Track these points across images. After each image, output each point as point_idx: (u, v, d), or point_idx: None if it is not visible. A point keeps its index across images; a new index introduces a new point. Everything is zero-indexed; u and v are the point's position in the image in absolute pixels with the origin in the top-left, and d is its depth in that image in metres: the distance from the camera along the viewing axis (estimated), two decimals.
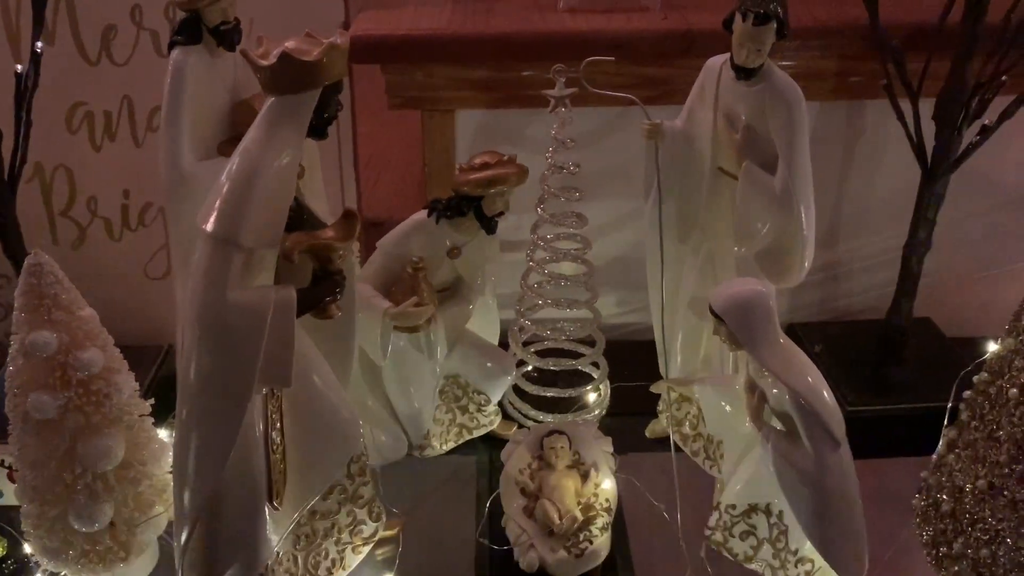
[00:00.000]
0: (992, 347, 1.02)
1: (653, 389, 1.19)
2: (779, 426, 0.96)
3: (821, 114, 1.34)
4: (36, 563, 1.03)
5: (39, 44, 1.04)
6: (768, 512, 1.03)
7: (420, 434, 1.24)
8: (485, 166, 1.06)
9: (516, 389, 1.30)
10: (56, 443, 0.92)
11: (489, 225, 1.10)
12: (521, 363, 1.30)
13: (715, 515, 1.06)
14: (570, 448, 1.12)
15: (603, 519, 1.06)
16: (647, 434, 1.28)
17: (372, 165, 1.54)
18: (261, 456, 0.90)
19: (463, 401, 1.26)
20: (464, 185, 1.07)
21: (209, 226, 0.75)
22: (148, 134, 1.33)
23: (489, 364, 1.23)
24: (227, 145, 1.06)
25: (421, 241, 1.13)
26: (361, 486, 1.05)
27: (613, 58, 1.07)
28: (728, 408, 1.07)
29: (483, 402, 1.26)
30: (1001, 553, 0.98)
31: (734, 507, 1.05)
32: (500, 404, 1.30)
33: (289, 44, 0.74)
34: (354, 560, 1.06)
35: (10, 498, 1.13)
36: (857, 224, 1.44)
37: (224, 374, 0.78)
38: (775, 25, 0.93)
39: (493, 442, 1.28)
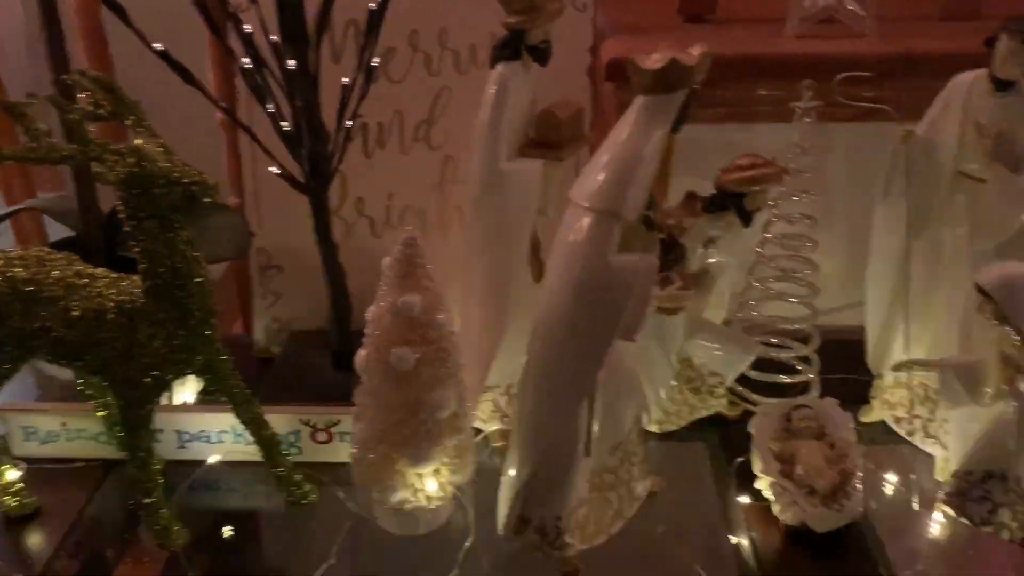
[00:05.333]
0: None
1: (894, 369, 1.32)
2: None
3: None
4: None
5: (375, 59, 1.22)
6: (1004, 477, 1.15)
7: (657, 411, 1.38)
8: (751, 166, 1.22)
9: (741, 376, 1.44)
10: (410, 391, 1.08)
11: (748, 219, 1.25)
12: None
13: (951, 482, 1.19)
14: (817, 421, 1.26)
15: (856, 480, 1.19)
16: (862, 419, 1.41)
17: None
18: (588, 410, 1.05)
19: (696, 383, 1.41)
20: (729, 183, 1.22)
21: (596, 203, 0.91)
22: (413, 144, 1.51)
23: (728, 347, 1.37)
24: (528, 148, 1.23)
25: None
26: (638, 445, 1.21)
27: (869, 74, 1.22)
28: (968, 385, 1.19)
29: (716, 384, 1.40)
30: None
31: (971, 474, 1.18)
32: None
33: (668, 53, 0.90)
34: (631, 511, 1.20)
35: (312, 455, 1.31)
36: None
37: (596, 327, 0.94)
38: None
39: (717, 424, 1.43)
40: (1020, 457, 1.13)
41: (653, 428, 1.39)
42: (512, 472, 1.10)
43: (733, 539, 1.21)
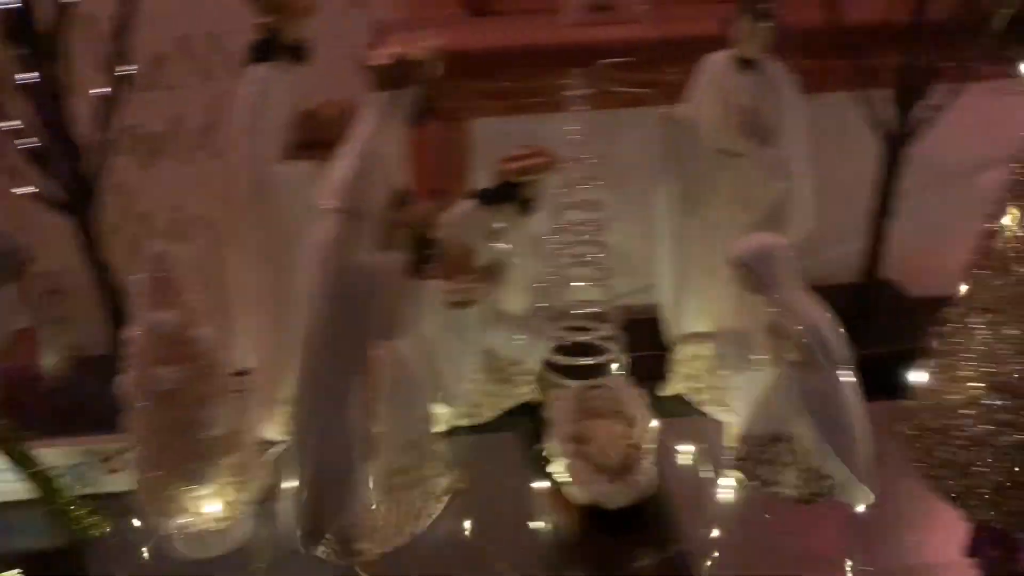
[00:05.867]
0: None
1: (677, 343, 1.36)
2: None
3: None
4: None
5: (123, 68, 1.16)
6: (787, 439, 1.20)
7: (464, 405, 1.38)
8: (526, 156, 1.23)
9: (546, 362, 1.45)
10: (176, 411, 1.03)
11: (528, 209, 1.26)
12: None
13: (739, 448, 1.23)
14: (611, 399, 1.28)
15: (648, 457, 1.22)
16: (662, 393, 1.45)
17: None
18: (361, 413, 1.03)
19: (501, 373, 1.41)
20: (507, 174, 1.23)
21: (337, 203, 0.89)
22: (195, 152, 1.45)
23: (526, 335, 1.38)
24: (296, 149, 1.20)
25: (465, 226, 1.28)
26: (435, 443, 1.20)
27: (632, 59, 1.25)
28: (743, 354, 1.24)
29: (521, 372, 1.41)
30: (987, 456, 1.15)
31: (756, 438, 1.22)
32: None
33: (396, 49, 0.89)
34: (436, 509, 1.19)
35: (103, 486, 1.25)
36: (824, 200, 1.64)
37: (349, 330, 0.92)
38: (774, 24, 1.13)
39: (530, 412, 1.44)
40: (795, 419, 1.19)
41: (462, 422, 1.39)
42: (295, 484, 1.07)
43: (533, 525, 1.22)
